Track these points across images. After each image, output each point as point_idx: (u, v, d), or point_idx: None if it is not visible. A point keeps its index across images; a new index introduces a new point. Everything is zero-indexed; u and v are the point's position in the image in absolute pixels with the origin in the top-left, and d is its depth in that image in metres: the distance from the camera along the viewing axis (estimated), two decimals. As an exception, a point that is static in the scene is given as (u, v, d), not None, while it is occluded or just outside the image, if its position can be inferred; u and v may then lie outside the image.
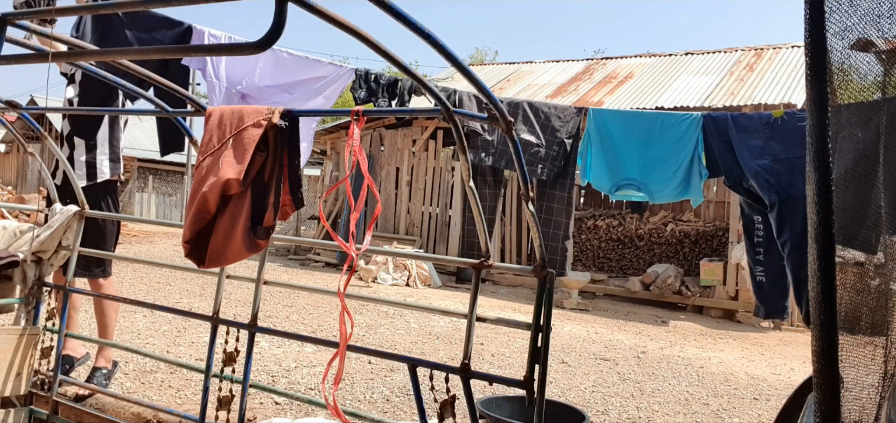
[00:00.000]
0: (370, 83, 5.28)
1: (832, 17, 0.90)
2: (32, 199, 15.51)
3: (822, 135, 0.89)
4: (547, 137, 5.07)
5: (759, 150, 4.27)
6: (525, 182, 2.17)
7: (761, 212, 4.34)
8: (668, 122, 4.80)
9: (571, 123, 5.12)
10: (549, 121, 5.07)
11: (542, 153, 5.05)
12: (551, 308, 2.24)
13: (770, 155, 4.22)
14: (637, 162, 4.88)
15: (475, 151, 5.23)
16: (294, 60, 4.88)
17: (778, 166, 4.18)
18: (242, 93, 4.72)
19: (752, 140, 4.33)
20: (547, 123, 5.07)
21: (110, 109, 3.94)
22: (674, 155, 4.76)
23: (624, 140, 4.91)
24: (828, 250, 0.92)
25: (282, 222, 2.37)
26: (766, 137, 4.27)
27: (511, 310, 9.22)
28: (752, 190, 4.34)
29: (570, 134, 5.10)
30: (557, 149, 5.08)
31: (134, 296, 6.69)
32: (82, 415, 3.57)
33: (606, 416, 4.60)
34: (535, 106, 5.10)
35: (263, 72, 4.78)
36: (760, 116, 4.41)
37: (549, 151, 5.06)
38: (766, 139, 4.26)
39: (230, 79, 4.69)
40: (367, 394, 4.48)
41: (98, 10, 3.03)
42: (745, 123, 4.43)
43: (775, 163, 4.19)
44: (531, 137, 5.02)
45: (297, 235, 16.04)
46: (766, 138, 4.26)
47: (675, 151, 4.75)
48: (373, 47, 1.57)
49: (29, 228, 3.56)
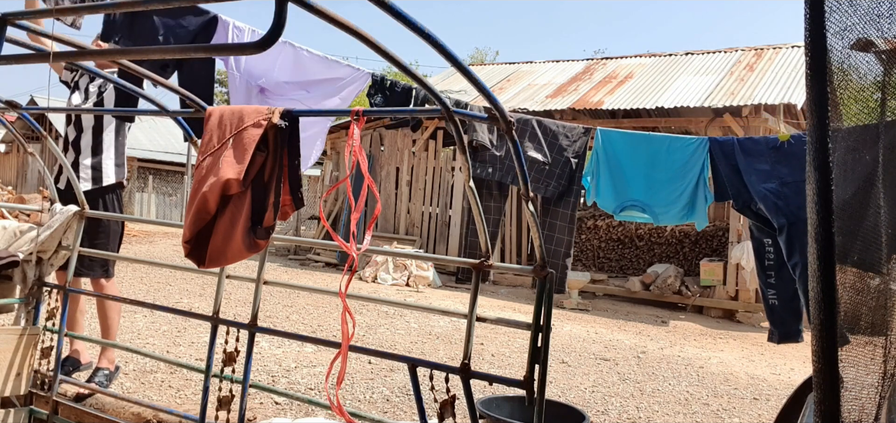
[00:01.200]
0: (385, 90, 5.29)
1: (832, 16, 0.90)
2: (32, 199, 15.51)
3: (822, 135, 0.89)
4: (554, 155, 5.08)
5: (767, 173, 4.27)
6: (525, 182, 2.17)
7: (771, 235, 4.32)
8: (675, 145, 4.80)
9: (579, 143, 5.13)
10: (556, 139, 5.09)
11: (548, 171, 5.07)
12: (551, 308, 2.23)
13: (777, 178, 4.21)
14: (642, 184, 4.88)
15: (482, 165, 5.25)
16: (313, 59, 4.91)
17: (786, 190, 4.17)
18: (262, 87, 4.76)
19: (759, 164, 4.33)
20: (554, 142, 5.08)
21: (110, 109, 3.94)
22: (679, 178, 4.76)
23: (630, 161, 4.92)
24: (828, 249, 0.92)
25: (282, 222, 2.36)
26: (773, 160, 4.27)
27: (511, 310, 9.22)
28: (760, 213, 4.33)
29: (577, 153, 5.11)
30: (564, 167, 5.10)
31: (134, 296, 6.69)
32: (82, 415, 3.57)
33: (606, 416, 4.60)
34: (544, 124, 5.11)
35: (283, 68, 4.81)
36: (767, 139, 4.41)
37: (554, 170, 5.08)
38: (773, 163, 4.26)
39: (251, 73, 4.73)
40: (367, 394, 4.48)
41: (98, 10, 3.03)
42: (752, 147, 4.42)
43: (783, 186, 4.18)
44: (538, 154, 5.03)
45: (297, 235, 16.05)
46: (774, 162, 4.26)
47: (681, 175, 4.75)
48: (373, 47, 1.57)
49: (29, 228, 3.56)
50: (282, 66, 4.82)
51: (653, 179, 4.86)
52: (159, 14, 4.18)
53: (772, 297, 4.40)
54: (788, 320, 4.37)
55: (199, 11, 4.32)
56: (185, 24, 4.27)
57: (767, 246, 4.39)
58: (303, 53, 4.89)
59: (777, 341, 4.42)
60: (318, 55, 4.94)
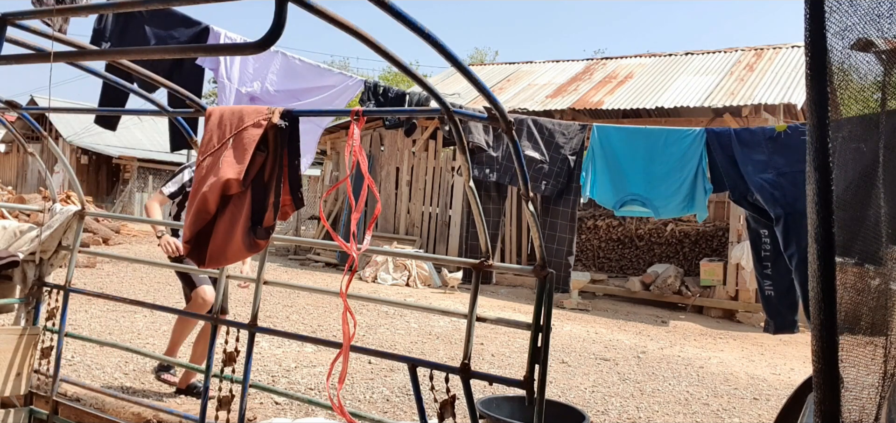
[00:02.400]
0: (379, 96, 5.29)
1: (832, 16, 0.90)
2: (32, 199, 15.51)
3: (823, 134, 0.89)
4: (551, 153, 5.08)
5: (764, 164, 4.26)
6: (525, 182, 2.17)
7: (767, 226, 4.32)
8: (672, 137, 4.79)
9: (576, 140, 5.12)
10: (553, 137, 5.08)
11: (545, 169, 5.06)
12: (551, 308, 2.24)
13: (774, 169, 4.21)
14: (641, 178, 4.88)
15: (480, 166, 5.24)
16: (305, 67, 4.91)
17: (782, 180, 4.16)
18: (252, 95, 4.74)
19: (755, 155, 4.32)
20: (551, 140, 5.08)
21: (110, 109, 3.94)
22: (678, 170, 4.76)
23: (628, 156, 4.91)
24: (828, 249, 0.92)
25: (282, 222, 2.36)
26: (769, 151, 4.26)
27: (511, 310, 9.22)
28: (757, 204, 4.33)
29: (574, 151, 5.11)
30: (561, 165, 5.10)
31: (134, 296, 6.69)
32: (82, 415, 3.57)
33: (606, 416, 4.60)
34: (540, 123, 5.11)
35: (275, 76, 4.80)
36: (764, 130, 4.40)
37: (552, 168, 5.07)
38: (769, 154, 4.25)
39: (241, 81, 4.72)
40: (367, 394, 4.48)
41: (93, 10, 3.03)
42: (749, 138, 4.42)
43: (779, 177, 4.17)
44: (535, 153, 5.03)
45: (297, 235, 16.05)
46: (770, 153, 4.25)
47: (679, 167, 4.75)
48: (373, 47, 1.58)
49: (29, 228, 3.56)
50: (274, 74, 4.81)
51: (651, 173, 4.85)
52: (151, 24, 4.15)
53: (768, 288, 4.41)
54: (784, 312, 4.38)
55: (191, 22, 4.30)
56: (176, 34, 4.24)
57: (764, 237, 4.40)
58: (294, 62, 4.89)
59: (773, 331, 4.44)
60: (309, 63, 4.93)
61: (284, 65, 4.84)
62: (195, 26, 4.31)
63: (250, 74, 4.74)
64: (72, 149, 24.07)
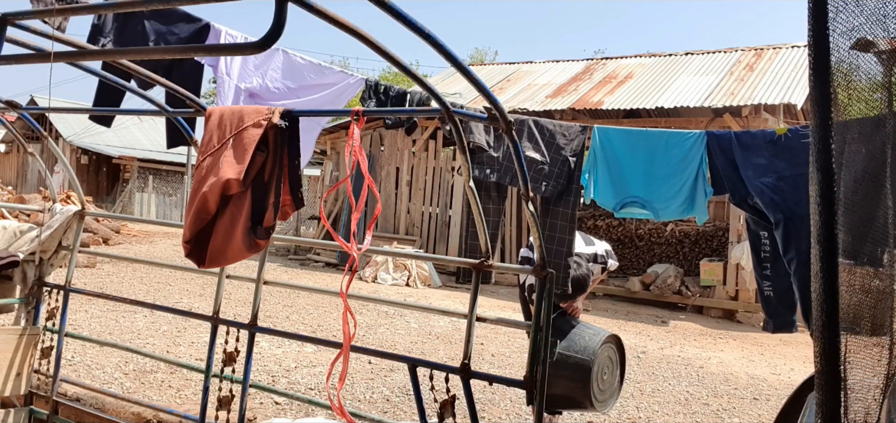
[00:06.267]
0: (379, 94, 5.28)
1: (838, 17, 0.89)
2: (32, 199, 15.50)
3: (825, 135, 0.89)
4: (552, 154, 5.07)
5: (764, 168, 4.26)
6: (525, 182, 2.17)
7: (767, 227, 4.33)
8: (673, 140, 4.80)
9: (577, 141, 5.12)
10: (553, 138, 5.08)
11: (546, 170, 5.06)
12: (551, 308, 2.23)
13: (774, 173, 4.20)
14: (642, 180, 4.88)
15: (480, 167, 5.23)
16: (306, 65, 4.89)
17: (782, 185, 4.16)
18: (251, 91, 4.73)
19: (756, 158, 4.31)
20: (552, 141, 5.07)
21: (110, 108, 3.94)
22: (678, 173, 4.76)
23: (628, 158, 4.91)
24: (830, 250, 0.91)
25: (282, 222, 2.36)
26: (770, 154, 4.26)
27: (511, 310, 9.21)
28: (757, 207, 4.33)
29: (575, 152, 5.11)
30: (562, 167, 5.09)
31: (134, 296, 6.69)
32: (82, 415, 3.57)
33: (606, 416, 4.60)
34: (541, 124, 5.10)
35: (275, 73, 4.79)
36: (764, 133, 4.40)
37: (553, 169, 5.06)
38: (770, 157, 4.25)
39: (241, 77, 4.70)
40: (367, 394, 4.48)
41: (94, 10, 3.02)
42: (749, 142, 4.41)
43: (780, 181, 4.17)
44: (536, 154, 5.02)
45: (297, 235, 16.04)
46: (771, 156, 4.25)
47: (680, 169, 4.75)
48: (373, 47, 1.57)
49: (29, 228, 3.55)
50: (274, 72, 4.80)
51: (652, 175, 4.86)
52: (150, 19, 4.13)
53: (767, 288, 4.43)
54: (783, 311, 4.40)
55: (191, 18, 4.29)
56: (176, 30, 4.23)
57: (763, 239, 4.40)
58: (295, 59, 4.88)
59: (772, 330, 4.46)
60: (310, 61, 4.93)
61: (285, 62, 4.83)
62: (196, 23, 4.30)
63: (250, 70, 4.73)
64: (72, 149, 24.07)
